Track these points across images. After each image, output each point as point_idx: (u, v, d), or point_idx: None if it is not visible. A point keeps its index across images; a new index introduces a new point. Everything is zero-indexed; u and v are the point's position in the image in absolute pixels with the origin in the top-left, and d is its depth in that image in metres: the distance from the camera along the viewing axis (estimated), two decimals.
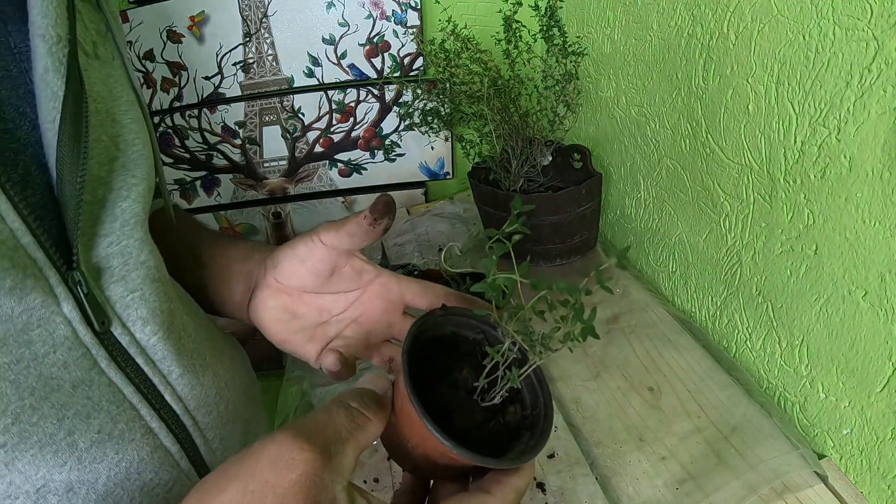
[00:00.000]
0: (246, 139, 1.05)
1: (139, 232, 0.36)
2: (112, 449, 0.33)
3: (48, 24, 0.31)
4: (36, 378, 0.30)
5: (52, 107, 0.31)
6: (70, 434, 0.31)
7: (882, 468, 0.54)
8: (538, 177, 0.90)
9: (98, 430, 0.32)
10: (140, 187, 0.36)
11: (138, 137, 0.38)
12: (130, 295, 0.35)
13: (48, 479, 0.30)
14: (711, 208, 0.70)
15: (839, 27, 0.48)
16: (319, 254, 0.40)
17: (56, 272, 0.30)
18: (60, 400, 0.31)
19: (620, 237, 0.96)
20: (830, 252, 0.54)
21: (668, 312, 0.78)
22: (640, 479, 0.58)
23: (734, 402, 0.64)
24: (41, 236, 0.30)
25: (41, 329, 0.30)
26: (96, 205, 0.34)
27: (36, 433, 0.30)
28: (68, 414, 0.31)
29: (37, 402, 0.30)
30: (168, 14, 0.95)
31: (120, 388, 0.34)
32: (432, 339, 0.37)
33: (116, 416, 0.33)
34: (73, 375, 0.31)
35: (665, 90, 0.74)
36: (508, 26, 0.80)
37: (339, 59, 1.00)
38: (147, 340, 0.35)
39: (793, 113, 0.55)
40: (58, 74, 0.31)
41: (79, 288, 0.31)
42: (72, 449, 0.31)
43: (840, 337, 0.55)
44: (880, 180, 0.47)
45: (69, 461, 0.31)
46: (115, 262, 0.35)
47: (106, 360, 0.33)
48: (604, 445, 0.62)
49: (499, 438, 0.34)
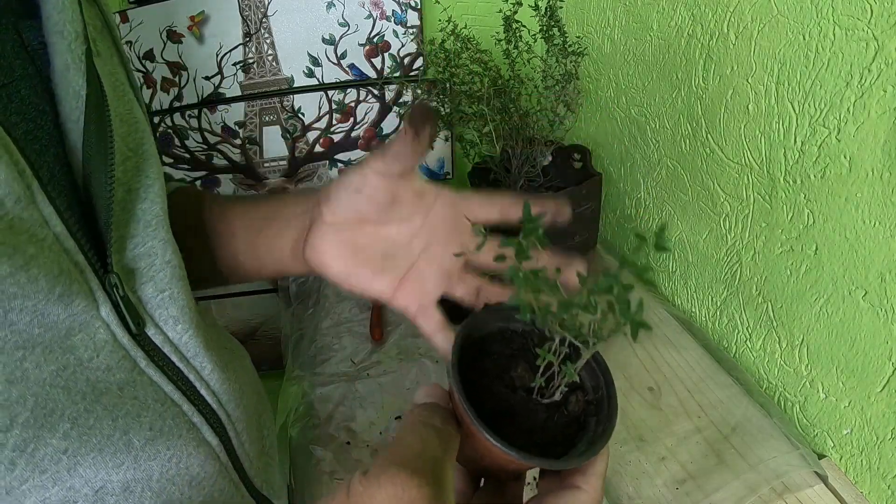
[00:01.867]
0: (246, 139, 1.05)
1: (162, 232, 0.36)
2: (164, 445, 0.33)
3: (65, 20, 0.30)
4: (84, 382, 0.30)
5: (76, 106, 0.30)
6: (125, 433, 0.31)
7: (882, 468, 0.54)
8: (538, 177, 0.90)
9: (150, 427, 0.33)
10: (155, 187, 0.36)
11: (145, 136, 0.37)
12: (160, 295, 0.35)
13: (106, 479, 0.31)
14: (711, 208, 0.70)
15: (839, 27, 0.48)
16: (373, 182, 0.38)
17: (95, 276, 0.30)
18: (111, 402, 0.31)
19: (620, 237, 0.96)
20: (830, 252, 0.54)
21: (668, 312, 0.78)
22: (640, 479, 0.58)
23: (734, 402, 0.64)
24: (81, 239, 0.29)
25: (82, 334, 0.30)
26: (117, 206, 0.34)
27: (94, 436, 0.30)
28: (121, 414, 0.31)
29: (90, 405, 0.30)
30: (168, 14, 0.94)
31: (161, 387, 0.34)
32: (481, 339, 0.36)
33: (163, 413, 0.34)
34: (118, 377, 0.32)
35: (665, 90, 0.74)
36: (508, 26, 0.80)
37: (339, 59, 1.00)
38: (179, 338, 0.36)
39: (793, 113, 0.55)
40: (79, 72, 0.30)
41: (115, 291, 0.31)
42: (128, 448, 0.31)
43: (840, 337, 0.55)
44: (880, 180, 0.47)
45: (126, 461, 0.31)
46: (143, 263, 0.34)
47: (145, 361, 0.33)
48: None
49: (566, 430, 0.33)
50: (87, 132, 0.30)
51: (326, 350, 0.80)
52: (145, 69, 0.99)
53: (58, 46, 0.30)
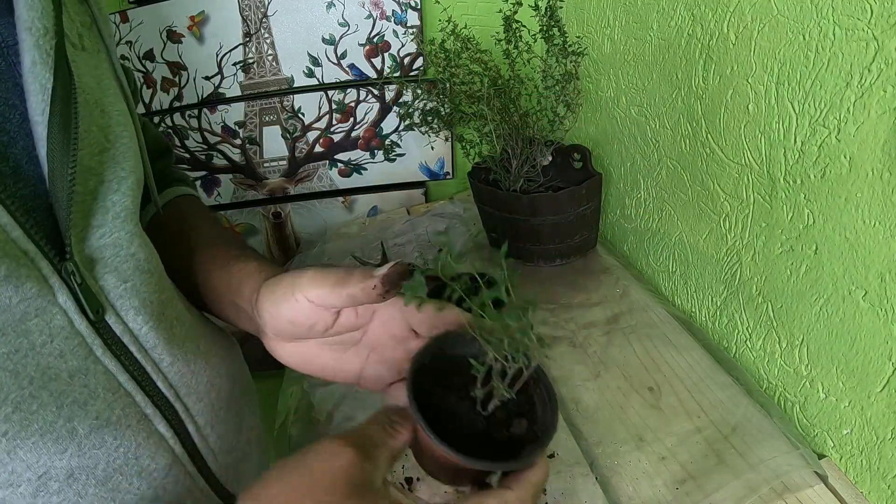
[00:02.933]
0: (246, 139, 1.05)
1: (129, 225, 0.36)
2: (110, 435, 0.34)
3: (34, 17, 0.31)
4: (34, 367, 0.30)
5: (41, 99, 0.31)
6: (69, 421, 0.32)
7: (882, 468, 0.54)
8: (538, 177, 0.90)
9: (96, 416, 0.33)
10: (129, 180, 0.37)
11: (126, 130, 0.38)
12: (123, 285, 0.35)
13: (49, 465, 0.31)
14: (711, 208, 0.70)
15: (839, 27, 0.48)
16: (306, 312, 0.36)
17: (49, 263, 0.31)
18: (59, 388, 0.31)
19: (620, 237, 0.96)
20: (830, 252, 0.54)
21: (668, 312, 0.78)
22: (640, 479, 0.58)
23: (734, 402, 0.64)
24: (31, 229, 0.30)
25: (38, 319, 0.30)
26: (88, 196, 0.34)
27: (36, 421, 0.30)
28: (66, 402, 0.32)
29: (36, 390, 0.30)
30: (168, 14, 0.95)
31: (115, 376, 0.34)
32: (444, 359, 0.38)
33: (112, 402, 0.34)
34: (70, 364, 0.32)
35: (665, 90, 0.74)
36: (508, 26, 0.80)
37: (339, 59, 1.00)
38: (139, 329, 0.36)
39: (793, 113, 0.55)
40: (45, 66, 0.31)
41: (72, 278, 0.32)
42: (72, 436, 0.32)
43: (840, 337, 0.55)
44: (880, 180, 0.47)
45: (69, 448, 0.32)
46: (108, 252, 0.35)
47: (101, 349, 0.34)
48: (604, 445, 0.62)
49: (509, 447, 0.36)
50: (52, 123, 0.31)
51: None
52: (145, 69, 0.99)
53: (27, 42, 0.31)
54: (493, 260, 0.96)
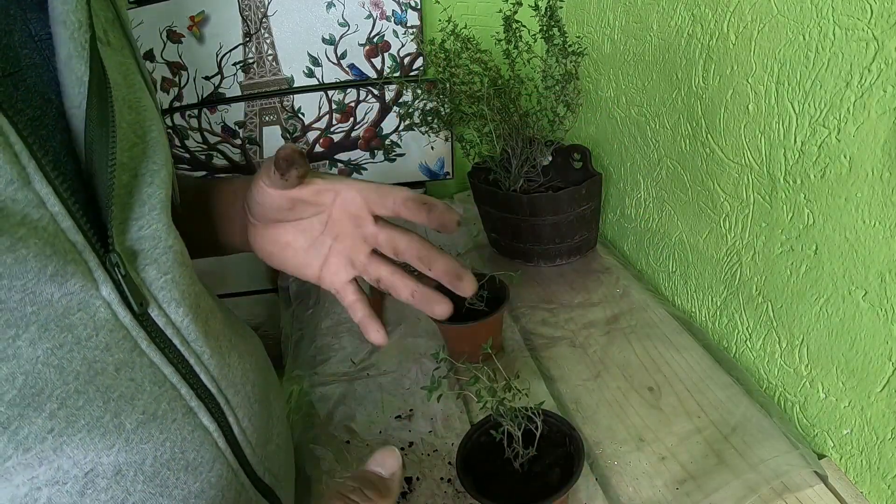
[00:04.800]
0: (246, 139, 1.05)
1: (165, 217, 0.36)
2: (157, 429, 0.33)
3: (69, 10, 0.31)
4: (80, 362, 0.30)
5: (79, 92, 0.31)
6: (116, 416, 0.31)
7: (882, 468, 0.54)
8: (538, 177, 0.90)
9: (143, 410, 0.33)
10: (161, 173, 0.37)
11: (154, 124, 0.38)
12: (163, 277, 0.35)
13: (97, 462, 0.31)
14: (711, 208, 0.70)
15: (839, 27, 0.48)
16: (268, 194, 0.41)
17: (95, 255, 0.30)
18: (105, 382, 0.31)
19: (620, 237, 0.96)
20: (830, 252, 0.54)
21: (668, 312, 0.78)
22: (640, 479, 0.58)
23: (734, 402, 0.64)
24: (80, 219, 0.30)
25: (82, 313, 0.30)
26: (122, 189, 0.34)
27: (83, 417, 0.30)
28: (113, 396, 0.31)
29: (82, 385, 0.30)
30: (168, 14, 0.94)
31: (160, 368, 0.34)
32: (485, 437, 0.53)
33: (159, 396, 0.34)
34: (116, 358, 0.32)
35: (665, 90, 0.74)
36: (508, 26, 0.80)
37: (339, 59, 1.00)
38: (181, 321, 0.36)
39: (793, 113, 0.55)
40: (81, 60, 0.31)
41: (116, 270, 0.32)
42: (119, 431, 0.31)
43: (840, 337, 0.55)
44: (880, 180, 0.47)
45: (117, 443, 0.31)
46: (147, 244, 0.35)
47: (146, 342, 0.33)
48: (604, 445, 0.62)
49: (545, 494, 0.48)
50: (90, 116, 0.31)
51: (326, 350, 0.80)
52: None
53: (61, 36, 0.31)
54: (492, 260, 0.96)
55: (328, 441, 0.65)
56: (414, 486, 0.59)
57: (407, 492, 0.59)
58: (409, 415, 0.67)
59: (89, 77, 0.31)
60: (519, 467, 0.50)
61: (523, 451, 0.49)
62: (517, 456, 0.49)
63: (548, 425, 0.51)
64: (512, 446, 0.49)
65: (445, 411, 0.67)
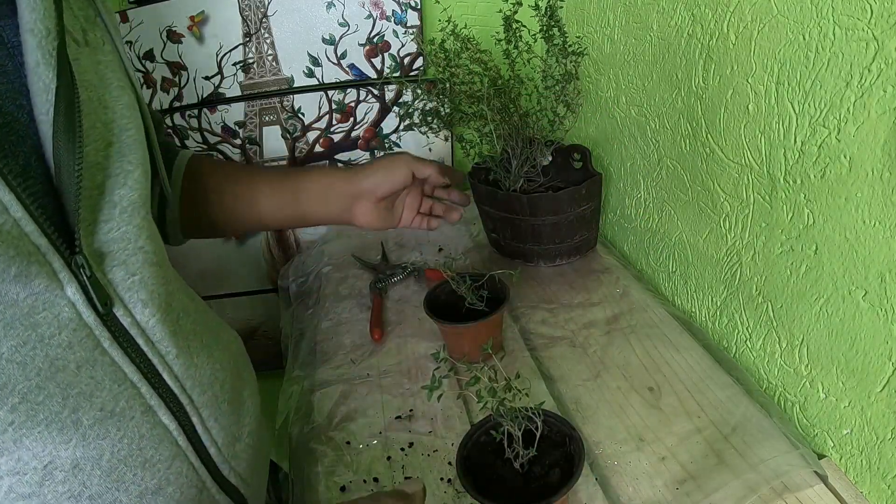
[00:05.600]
0: (246, 139, 1.05)
1: (137, 218, 0.38)
2: (114, 426, 0.35)
3: (36, 19, 0.31)
4: (42, 359, 0.31)
5: (46, 99, 0.32)
6: (74, 412, 0.32)
7: (882, 468, 0.54)
8: (538, 177, 0.90)
9: (101, 407, 0.34)
10: (136, 173, 0.38)
11: (131, 123, 0.39)
12: (131, 278, 0.36)
13: (55, 455, 0.32)
14: (711, 208, 0.70)
15: (839, 27, 0.48)
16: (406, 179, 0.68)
17: (59, 257, 0.31)
18: (65, 380, 0.32)
19: (620, 237, 0.96)
20: (830, 252, 0.54)
21: (668, 312, 0.78)
22: (640, 479, 0.58)
23: (734, 402, 0.64)
24: (44, 223, 0.31)
25: (46, 312, 0.31)
26: (95, 191, 0.35)
27: (42, 411, 0.31)
28: (72, 393, 0.32)
29: (42, 381, 0.31)
30: (168, 14, 0.94)
31: (121, 367, 0.35)
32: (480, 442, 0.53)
33: (118, 394, 0.35)
34: (78, 356, 0.33)
35: (665, 90, 0.74)
36: (508, 26, 0.80)
37: (339, 59, 1.00)
38: (146, 322, 0.37)
39: (793, 113, 0.55)
40: (49, 67, 0.32)
41: (82, 271, 0.33)
42: (76, 426, 0.33)
43: (840, 337, 0.55)
44: (880, 180, 0.47)
45: (74, 438, 0.32)
46: (116, 247, 0.36)
47: (108, 341, 0.34)
48: (604, 445, 0.62)
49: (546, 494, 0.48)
50: (56, 123, 0.32)
51: (326, 350, 0.80)
52: (145, 69, 0.99)
53: (29, 44, 0.31)
54: (492, 260, 0.96)
55: (328, 441, 0.65)
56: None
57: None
58: (409, 415, 0.67)
59: (57, 84, 0.32)
60: (519, 467, 0.50)
61: (524, 452, 0.49)
62: (517, 456, 0.49)
63: (548, 425, 0.51)
64: (512, 446, 0.49)
65: (445, 411, 0.67)
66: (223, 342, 0.47)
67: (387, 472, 0.61)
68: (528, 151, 0.88)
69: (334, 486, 0.60)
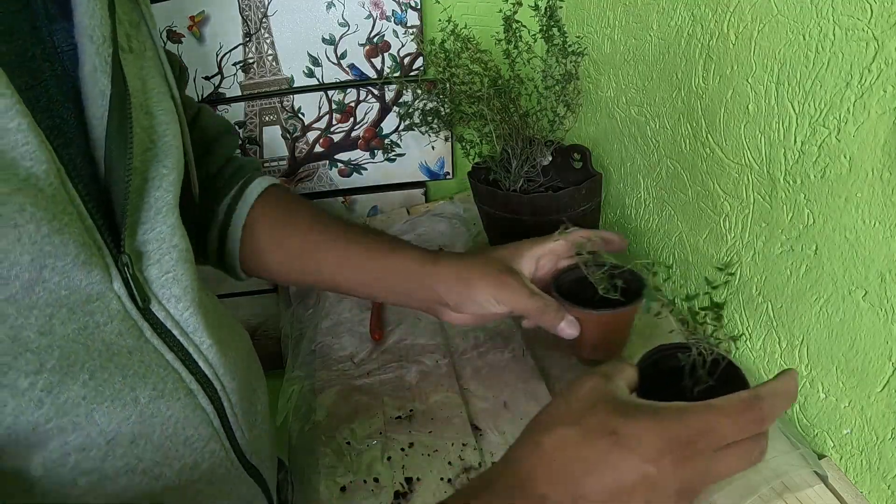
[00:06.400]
0: (246, 139, 1.05)
1: (171, 218, 0.40)
2: (164, 405, 0.38)
3: (94, 25, 0.33)
4: (101, 343, 0.34)
5: (101, 104, 0.34)
6: (133, 390, 0.36)
7: (882, 468, 0.54)
8: (538, 177, 0.90)
9: (153, 387, 0.37)
10: (171, 176, 0.40)
11: (169, 128, 0.41)
12: (165, 276, 0.39)
13: (117, 431, 0.35)
14: (711, 208, 0.70)
15: (839, 27, 0.48)
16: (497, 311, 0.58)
17: (110, 253, 0.34)
18: (122, 362, 0.35)
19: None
20: (830, 252, 0.54)
21: (667, 312, 0.78)
22: None
23: None
24: (98, 221, 0.34)
25: (99, 302, 0.34)
26: (134, 193, 0.38)
27: (108, 388, 0.34)
28: (129, 373, 0.35)
29: (104, 362, 0.34)
30: (168, 14, 0.94)
31: (163, 355, 0.38)
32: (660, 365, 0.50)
33: (165, 377, 0.38)
34: (128, 343, 0.36)
35: (665, 90, 0.74)
36: (508, 26, 0.80)
37: (339, 59, 1.00)
38: (180, 315, 0.40)
39: (793, 113, 0.55)
40: (105, 74, 0.34)
41: (126, 269, 0.36)
42: (135, 403, 0.36)
43: (840, 337, 0.55)
44: (880, 180, 0.47)
45: (133, 414, 0.36)
46: (151, 246, 0.39)
47: (149, 332, 0.37)
48: None
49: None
50: (110, 128, 0.34)
51: (326, 350, 0.80)
52: None
53: (87, 49, 0.34)
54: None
55: (328, 441, 0.65)
56: (414, 487, 0.59)
57: (407, 492, 0.59)
58: (409, 415, 0.67)
59: (112, 91, 0.34)
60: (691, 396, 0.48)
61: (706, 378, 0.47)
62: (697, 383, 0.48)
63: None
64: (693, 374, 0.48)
65: (445, 411, 0.67)
66: (238, 336, 0.50)
67: (387, 472, 0.61)
68: (528, 151, 0.88)
69: (334, 486, 0.60)
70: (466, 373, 0.73)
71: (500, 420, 0.66)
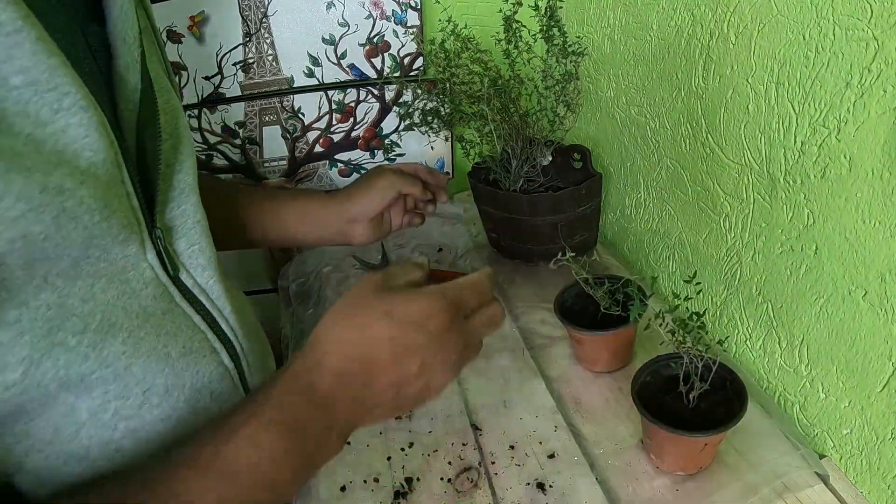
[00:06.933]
0: (246, 139, 1.05)
1: (193, 197, 0.45)
2: (194, 360, 0.42)
3: (127, 28, 0.37)
4: (137, 306, 0.38)
5: (132, 98, 0.38)
6: (166, 346, 0.40)
7: (882, 468, 0.54)
8: (538, 177, 0.90)
9: (183, 345, 0.41)
10: (188, 162, 0.45)
11: (179, 122, 0.46)
12: (191, 248, 0.44)
13: (152, 382, 0.39)
14: (711, 208, 0.70)
15: (839, 27, 0.48)
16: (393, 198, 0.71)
17: (146, 229, 0.39)
18: (156, 322, 0.40)
19: (620, 237, 0.96)
20: (830, 252, 0.54)
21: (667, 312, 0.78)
22: (640, 479, 0.58)
23: None
24: (141, 200, 0.38)
25: (134, 271, 0.38)
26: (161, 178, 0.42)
27: (144, 345, 0.38)
28: (162, 332, 0.40)
29: (141, 322, 0.38)
30: (168, 14, 0.94)
31: (191, 317, 0.43)
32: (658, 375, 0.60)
33: (192, 336, 0.42)
34: (162, 305, 0.40)
35: (665, 90, 0.74)
36: (508, 26, 0.80)
37: (339, 59, 1.00)
38: (206, 283, 0.45)
39: (793, 113, 0.55)
40: (136, 72, 0.38)
41: (159, 242, 0.40)
42: (167, 358, 0.40)
43: (840, 337, 0.55)
44: (880, 180, 0.47)
45: (166, 368, 0.40)
46: (178, 222, 0.44)
47: (179, 297, 0.42)
48: (604, 445, 0.62)
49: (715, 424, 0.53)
50: (141, 119, 0.38)
51: None
52: None
53: (120, 50, 0.38)
54: (492, 260, 0.96)
55: None
56: (414, 486, 0.59)
57: (407, 492, 0.59)
58: (409, 415, 0.67)
59: (142, 86, 0.38)
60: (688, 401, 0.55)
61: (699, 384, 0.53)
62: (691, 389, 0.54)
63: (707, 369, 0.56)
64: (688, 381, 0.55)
65: (445, 411, 0.67)
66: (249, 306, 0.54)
67: (387, 472, 0.61)
68: (528, 151, 0.88)
69: (334, 485, 0.60)
70: (466, 373, 0.73)
71: (500, 420, 0.66)
